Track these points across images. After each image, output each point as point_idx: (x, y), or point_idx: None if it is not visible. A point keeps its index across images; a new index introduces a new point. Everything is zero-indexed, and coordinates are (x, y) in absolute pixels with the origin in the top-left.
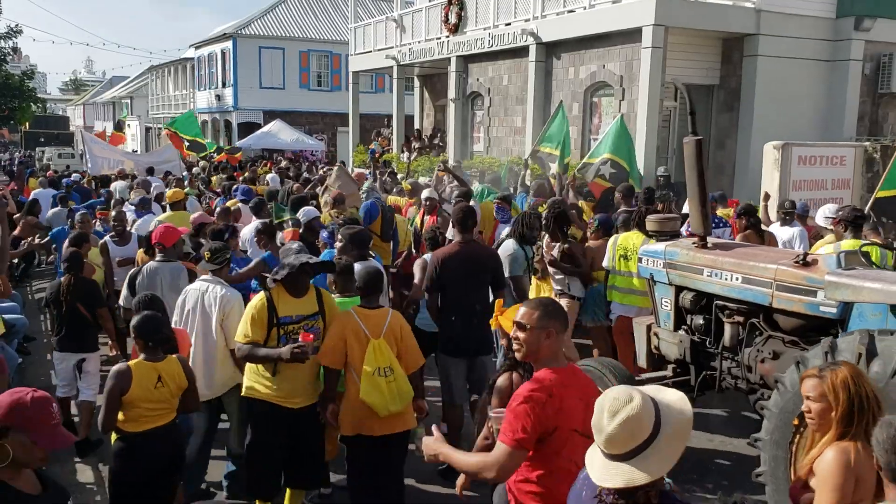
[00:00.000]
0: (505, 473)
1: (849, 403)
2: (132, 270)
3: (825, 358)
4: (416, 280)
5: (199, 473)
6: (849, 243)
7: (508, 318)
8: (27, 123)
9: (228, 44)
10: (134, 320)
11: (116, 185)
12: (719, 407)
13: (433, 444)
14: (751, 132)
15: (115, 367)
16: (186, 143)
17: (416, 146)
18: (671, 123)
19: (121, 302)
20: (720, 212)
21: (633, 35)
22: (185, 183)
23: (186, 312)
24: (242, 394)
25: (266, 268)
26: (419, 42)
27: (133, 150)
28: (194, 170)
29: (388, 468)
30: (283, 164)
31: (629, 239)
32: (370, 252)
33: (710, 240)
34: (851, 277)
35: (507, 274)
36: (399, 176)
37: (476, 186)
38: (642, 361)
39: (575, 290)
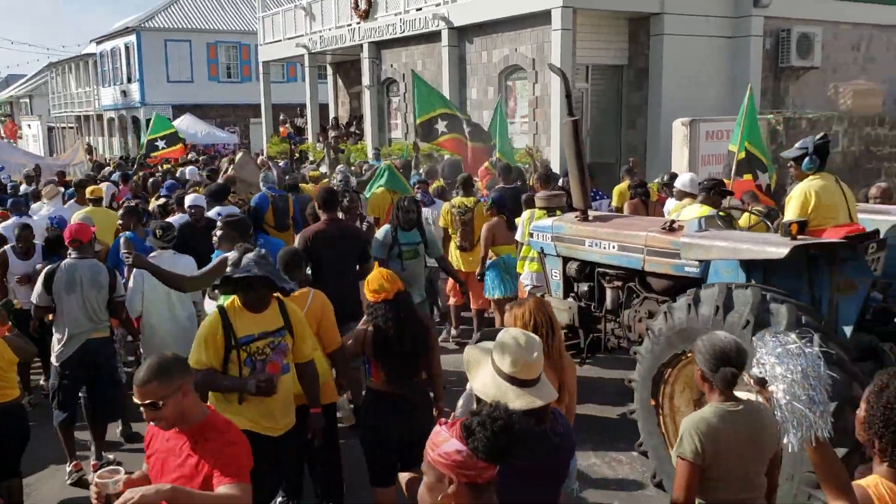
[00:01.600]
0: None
1: (533, 328)
2: (48, 268)
3: (688, 308)
4: None
5: None
6: (705, 209)
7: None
8: None
9: (132, 37)
10: None
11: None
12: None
13: None
14: (660, 110)
15: None
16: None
17: (333, 135)
18: (584, 105)
19: (33, 299)
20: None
21: (542, 18)
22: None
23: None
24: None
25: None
26: (330, 29)
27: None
28: (106, 169)
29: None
30: (190, 156)
31: (537, 216)
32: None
33: (591, 213)
34: (703, 238)
35: (376, 255)
36: (313, 165)
37: (381, 166)
38: None
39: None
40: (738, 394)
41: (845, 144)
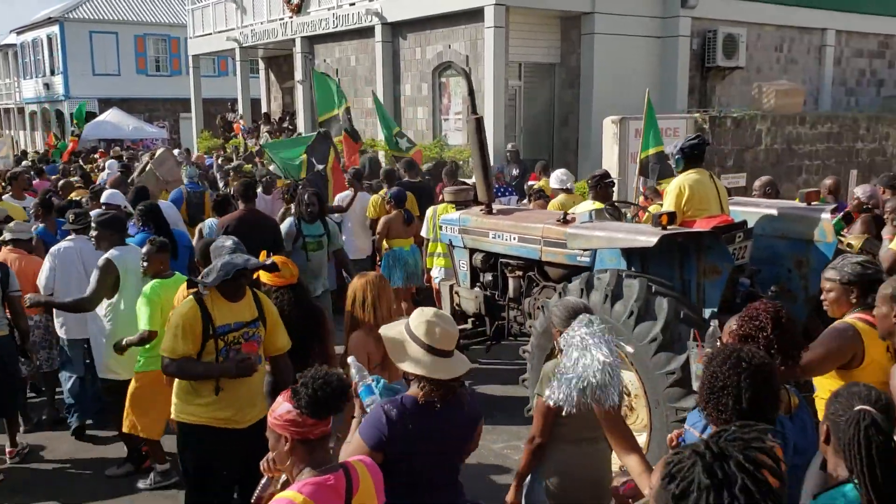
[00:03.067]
0: None
1: (360, 300)
2: None
3: (580, 292)
4: None
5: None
6: (597, 203)
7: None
8: None
9: (55, 28)
10: None
11: None
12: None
13: None
14: (591, 108)
15: None
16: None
17: (266, 130)
18: (517, 101)
19: None
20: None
21: (475, 15)
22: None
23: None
24: (173, 417)
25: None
26: (261, 23)
27: None
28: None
29: None
30: (113, 152)
31: (446, 209)
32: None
33: (495, 206)
34: (584, 229)
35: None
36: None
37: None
38: None
39: None
40: None
41: (768, 142)
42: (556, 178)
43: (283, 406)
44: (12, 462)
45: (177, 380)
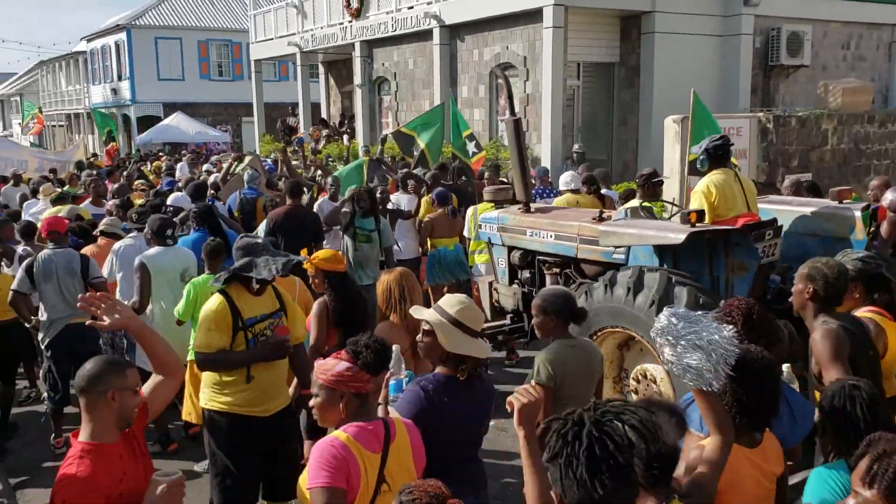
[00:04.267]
0: None
1: (387, 294)
2: (28, 259)
3: (605, 288)
4: None
5: None
6: (637, 201)
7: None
8: None
9: (122, 35)
10: None
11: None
12: None
13: None
14: (651, 107)
15: None
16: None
17: (325, 133)
18: (575, 102)
19: (13, 286)
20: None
21: (534, 15)
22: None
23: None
24: (203, 405)
25: None
26: (321, 28)
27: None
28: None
29: None
30: (187, 157)
31: (485, 209)
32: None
33: (533, 205)
34: (617, 226)
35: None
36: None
37: (358, 161)
38: (487, 314)
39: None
40: None
41: (835, 142)
42: (563, 179)
43: (340, 364)
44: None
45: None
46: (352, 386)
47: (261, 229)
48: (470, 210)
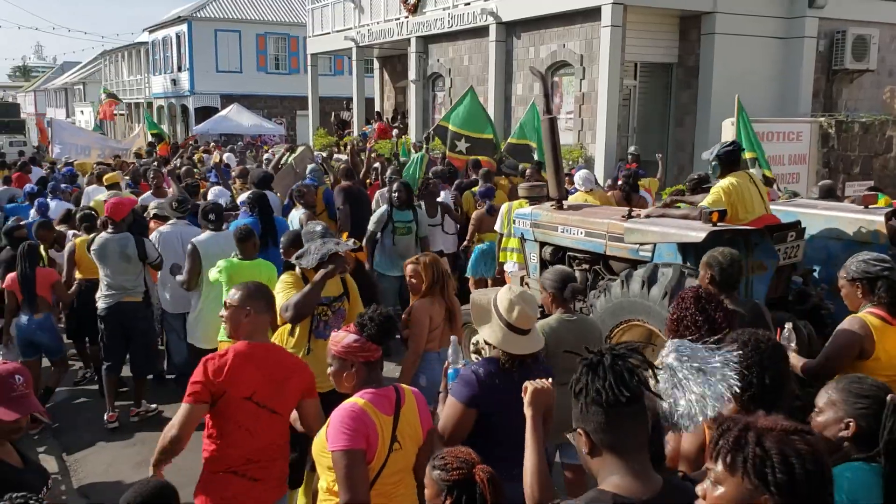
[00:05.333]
0: (187, 429)
1: (432, 276)
2: (88, 241)
3: (622, 284)
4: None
5: None
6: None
7: None
8: None
9: (183, 27)
10: None
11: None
12: None
13: None
14: (709, 109)
15: None
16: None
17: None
18: (631, 101)
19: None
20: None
21: (592, 14)
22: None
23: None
24: None
25: None
26: (378, 23)
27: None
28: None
29: None
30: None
31: (520, 206)
32: None
33: (565, 202)
34: (641, 224)
35: (369, 228)
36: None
37: (417, 156)
38: None
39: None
40: None
41: None
42: (581, 178)
43: (349, 336)
44: (133, 419)
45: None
46: (360, 356)
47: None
48: (504, 206)
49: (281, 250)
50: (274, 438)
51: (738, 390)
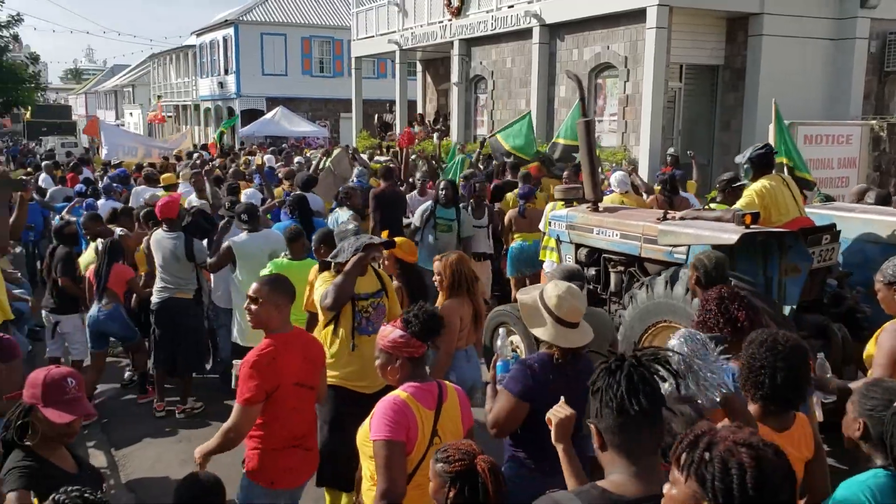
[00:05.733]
0: (246, 427)
1: (452, 276)
2: (146, 238)
3: (646, 288)
4: None
5: None
6: (721, 206)
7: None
8: (29, 113)
9: (230, 30)
10: None
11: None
12: None
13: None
14: (756, 112)
15: None
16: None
17: (418, 131)
18: (676, 104)
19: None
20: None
21: (637, 16)
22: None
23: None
24: None
25: None
26: (421, 26)
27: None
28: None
29: None
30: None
31: (556, 207)
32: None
33: (601, 205)
34: (674, 226)
35: (413, 222)
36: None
37: (458, 158)
38: None
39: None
40: None
41: None
42: (615, 180)
43: (395, 332)
44: (179, 416)
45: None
46: (405, 351)
47: (342, 217)
48: (548, 206)
49: (312, 248)
50: (314, 413)
51: (716, 397)
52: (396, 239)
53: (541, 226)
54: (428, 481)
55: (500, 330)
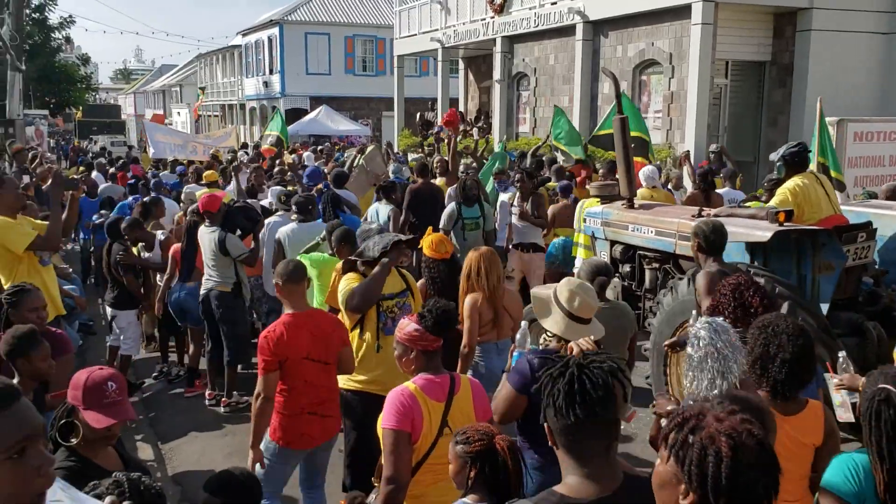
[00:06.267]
0: (270, 391)
1: (475, 269)
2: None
3: (688, 283)
4: None
5: None
6: (756, 203)
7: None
8: (80, 112)
9: (275, 30)
10: None
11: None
12: None
13: None
14: (804, 108)
15: None
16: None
17: (462, 129)
18: (721, 101)
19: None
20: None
21: (682, 11)
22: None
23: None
24: (341, 386)
25: None
26: (464, 24)
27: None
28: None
29: None
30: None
31: (590, 204)
32: None
33: (636, 201)
34: None
35: (440, 225)
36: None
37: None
38: None
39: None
40: None
41: None
42: (644, 175)
43: (411, 325)
44: (225, 410)
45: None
46: (419, 344)
47: (382, 211)
48: (580, 203)
49: (333, 248)
50: (332, 385)
51: (734, 379)
52: (428, 235)
53: (574, 223)
54: (438, 467)
55: (523, 323)
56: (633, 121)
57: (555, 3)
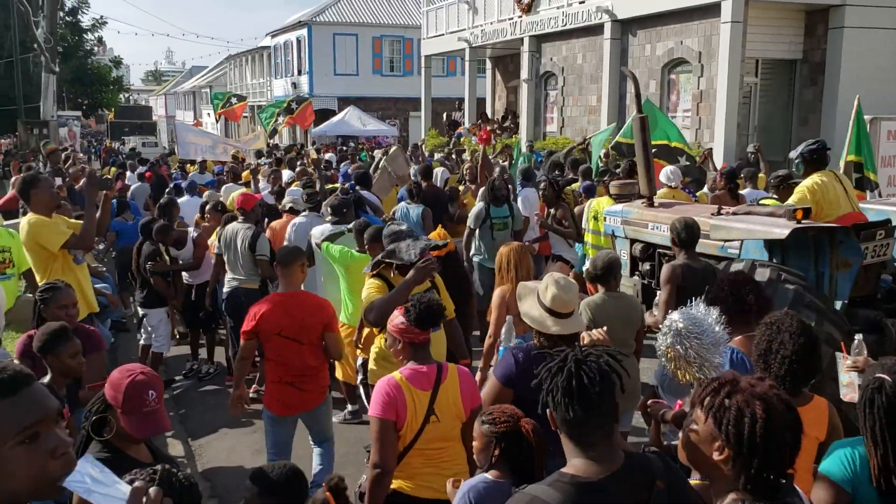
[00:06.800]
0: (245, 354)
1: (506, 264)
2: (219, 229)
3: None
4: None
5: None
6: (771, 201)
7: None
8: (113, 114)
9: (304, 31)
10: None
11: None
12: None
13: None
14: (835, 107)
15: None
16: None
17: (489, 128)
18: (752, 100)
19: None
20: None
21: (711, 10)
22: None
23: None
24: (369, 383)
25: None
26: (491, 23)
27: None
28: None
29: None
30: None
31: (600, 203)
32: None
33: (656, 199)
34: (726, 221)
35: (468, 224)
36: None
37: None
38: None
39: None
40: None
41: None
42: (665, 175)
43: (398, 318)
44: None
45: (373, 348)
46: (406, 336)
47: (413, 211)
48: (588, 203)
49: (364, 246)
50: (307, 362)
51: (718, 361)
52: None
53: (583, 223)
54: (428, 451)
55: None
56: (657, 127)
57: (583, 2)
